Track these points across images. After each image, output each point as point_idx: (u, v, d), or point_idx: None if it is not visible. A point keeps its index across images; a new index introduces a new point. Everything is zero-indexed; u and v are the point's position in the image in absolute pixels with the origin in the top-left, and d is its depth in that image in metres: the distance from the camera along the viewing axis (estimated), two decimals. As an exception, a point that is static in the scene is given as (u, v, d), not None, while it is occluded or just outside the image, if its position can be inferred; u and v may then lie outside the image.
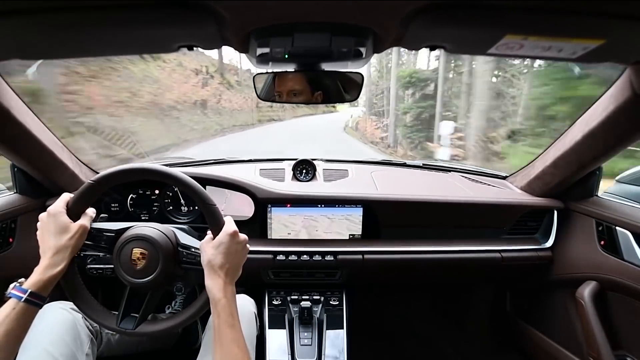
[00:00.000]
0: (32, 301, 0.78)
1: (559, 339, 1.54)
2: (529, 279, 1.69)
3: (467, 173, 1.83)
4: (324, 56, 0.82)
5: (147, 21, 0.63)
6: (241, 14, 0.62)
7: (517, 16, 0.60)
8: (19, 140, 1.14)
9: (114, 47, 0.77)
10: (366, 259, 1.45)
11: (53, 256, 0.83)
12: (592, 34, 0.63)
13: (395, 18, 0.62)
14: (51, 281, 0.82)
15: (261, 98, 1.07)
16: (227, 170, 1.50)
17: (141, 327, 0.94)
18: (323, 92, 1.00)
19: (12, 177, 1.35)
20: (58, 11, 0.58)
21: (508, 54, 0.72)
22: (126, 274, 0.91)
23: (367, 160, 1.97)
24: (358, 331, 1.47)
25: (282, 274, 1.50)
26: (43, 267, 0.82)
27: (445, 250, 1.48)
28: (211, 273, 0.84)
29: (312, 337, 1.39)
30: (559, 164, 1.36)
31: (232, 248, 0.86)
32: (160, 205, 1.50)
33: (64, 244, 0.84)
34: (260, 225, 1.48)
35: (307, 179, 1.64)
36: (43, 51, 0.74)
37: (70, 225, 0.86)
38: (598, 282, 1.34)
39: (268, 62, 0.86)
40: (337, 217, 1.47)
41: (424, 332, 2.10)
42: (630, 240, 1.23)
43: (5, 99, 1.01)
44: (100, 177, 0.91)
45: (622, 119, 1.05)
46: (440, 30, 0.66)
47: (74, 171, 1.39)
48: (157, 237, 0.92)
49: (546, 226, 1.55)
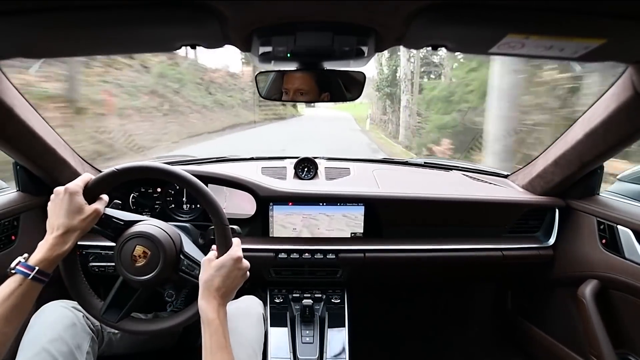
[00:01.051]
0: (38, 278, 0.79)
1: (561, 338, 1.55)
2: (531, 277, 1.69)
3: (468, 171, 1.83)
4: (326, 55, 0.82)
5: (149, 20, 0.63)
6: (243, 14, 0.63)
7: (518, 15, 0.60)
8: (21, 138, 1.14)
9: (116, 46, 0.78)
10: (368, 257, 1.45)
11: (62, 235, 0.83)
12: (593, 34, 0.64)
13: (397, 17, 0.62)
14: (57, 259, 0.82)
15: (263, 96, 1.07)
16: (229, 168, 1.51)
17: (126, 324, 0.96)
18: (325, 90, 1.01)
19: (14, 175, 1.35)
20: (61, 10, 0.58)
21: (509, 53, 0.72)
22: (123, 267, 0.91)
23: (368, 158, 1.97)
24: (359, 329, 1.48)
25: (283, 272, 1.51)
26: (50, 244, 0.82)
27: (446, 249, 1.48)
28: (206, 294, 0.83)
29: (314, 335, 1.40)
30: (561, 163, 1.36)
31: (232, 273, 0.86)
32: (162, 203, 1.50)
33: (76, 225, 0.85)
34: (262, 223, 1.49)
35: (309, 177, 1.64)
36: (46, 50, 0.74)
37: (85, 207, 0.87)
38: (599, 280, 1.34)
39: (270, 61, 0.86)
40: (338, 215, 1.48)
41: (425, 330, 2.11)
42: (631, 238, 1.23)
43: (8, 96, 1.02)
44: (125, 168, 0.91)
45: (623, 118, 1.05)
46: (441, 30, 0.67)
47: (76, 169, 1.40)
48: (163, 239, 0.93)
49: (547, 225, 1.55)
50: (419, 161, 1.92)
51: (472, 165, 1.93)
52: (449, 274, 1.75)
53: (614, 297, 1.32)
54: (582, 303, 1.35)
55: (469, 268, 1.62)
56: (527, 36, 0.64)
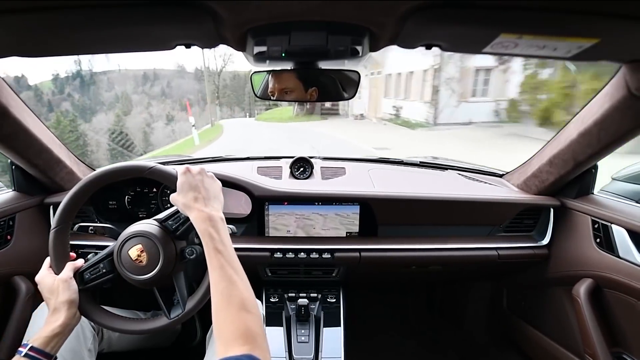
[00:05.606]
0: (33, 356, 0.79)
1: (556, 336, 1.55)
2: (526, 276, 1.70)
3: (463, 171, 1.83)
4: (321, 54, 0.83)
5: (145, 19, 0.63)
6: (238, 13, 0.63)
7: (511, 15, 0.61)
8: (17, 137, 1.14)
9: (111, 45, 0.78)
10: (363, 257, 1.46)
11: (52, 315, 0.86)
12: (586, 33, 0.64)
13: (391, 17, 0.63)
14: (52, 337, 0.83)
15: (258, 96, 1.07)
16: (224, 168, 1.51)
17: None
18: (319, 89, 1.00)
19: (10, 175, 1.35)
20: (57, 9, 0.58)
21: (503, 53, 0.72)
22: (137, 275, 0.90)
23: (364, 158, 1.98)
24: (355, 328, 1.48)
25: (279, 272, 1.51)
26: (45, 325, 0.85)
27: (442, 248, 1.49)
28: (191, 211, 0.84)
29: (310, 334, 1.40)
30: (555, 162, 1.37)
31: (193, 182, 0.87)
32: (157, 203, 1.50)
33: (58, 303, 0.86)
34: (257, 222, 1.49)
35: (304, 176, 1.64)
36: (42, 49, 0.74)
37: (55, 282, 0.88)
38: (594, 279, 1.34)
39: (265, 61, 0.86)
40: (333, 214, 1.48)
41: (421, 329, 2.11)
42: (625, 238, 1.23)
43: (4, 96, 1.02)
44: (58, 219, 0.91)
45: (617, 117, 1.06)
46: (435, 29, 0.67)
47: (71, 169, 1.40)
48: (141, 228, 0.92)
49: (542, 224, 1.56)
50: (415, 161, 1.92)
51: (468, 164, 1.93)
52: (444, 273, 1.76)
53: (608, 296, 1.32)
54: (577, 302, 1.35)
55: (464, 267, 1.63)
56: (520, 36, 0.64)
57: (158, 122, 32.16)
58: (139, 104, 35.08)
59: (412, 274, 1.75)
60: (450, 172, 1.83)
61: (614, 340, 1.32)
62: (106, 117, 29.27)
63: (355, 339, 1.46)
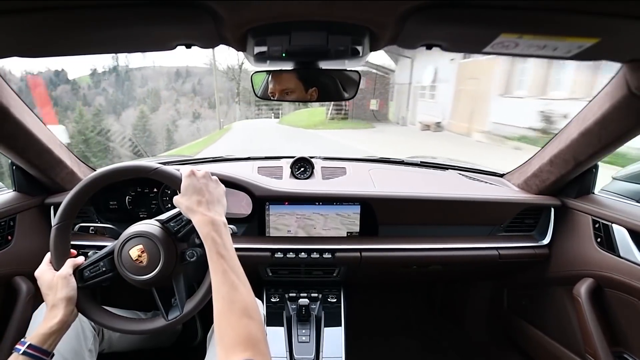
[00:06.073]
0: (31, 354, 0.79)
1: (556, 336, 1.55)
2: (526, 276, 1.70)
3: (464, 171, 1.83)
4: (321, 55, 0.82)
5: (145, 20, 0.63)
6: (238, 13, 0.63)
7: (512, 15, 0.61)
8: (17, 138, 1.14)
9: (111, 45, 0.78)
10: (364, 257, 1.46)
11: (50, 311, 0.85)
12: (587, 33, 0.64)
13: (391, 17, 0.63)
14: (50, 334, 0.83)
15: (259, 97, 1.08)
16: (225, 168, 1.51)
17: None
18: (319, 89, 1.00)
19: (10, 175, 1.35)
20: (56, 10, 0.58)
21: (503, 52, 0.72)
22: (137, 275, 0.89)
23: (365, 158, 1.98)
24: (356, 328, 1.48)
25: (280, 272, 1.51)
26: (43, 322, 0.84)
27: (442, 248, 1.49)
28: (194, 215, 0.84)
29: (310, 334, 1.40)
30: (556, 162, 1.37)
31: (197, 185, 0.87)
32: (158, 203, 1.50)
33: (56, 300, 0.86)
34: (258, 222, 1.49)
35: (305, 176, 1.64)
36: (42, 49, 0.74)
37: (54, 279, 0.87)
38: (595, 279, 1.34)
39: (266, 61, 0.86)
40: (334, 214, 1.48)
41: (421, 329, 2.11)
42: (626, 237, 1.23)
43: (4, 96, 1.02)
44: (60, 216, 0.90)
45: (617, 117, 1.06)
46: (436, 29, 0.67)
47: (72, 169, 1.40)
48: (143, 228, 0.91)
49: (543, 224, 1.56)
50: (415, 160, 1.92)
51: (468, 164, 1.93)
52: (444, 273, 1.76)
53: (609, 295, 1.32)
54: (578, 301, 1.35)
55: (465, 267, 1.63)
56: (521, 36, 0.64)
57: (183, 119, 31.95)
58: (167, 100, 34.90)
59: (412, 274, 1.75)
60: (451, 172, 1.83)
61: (615, 340, 1.32)
62: (134, 112, 29.23)
63: (356, 339, 1.46)
